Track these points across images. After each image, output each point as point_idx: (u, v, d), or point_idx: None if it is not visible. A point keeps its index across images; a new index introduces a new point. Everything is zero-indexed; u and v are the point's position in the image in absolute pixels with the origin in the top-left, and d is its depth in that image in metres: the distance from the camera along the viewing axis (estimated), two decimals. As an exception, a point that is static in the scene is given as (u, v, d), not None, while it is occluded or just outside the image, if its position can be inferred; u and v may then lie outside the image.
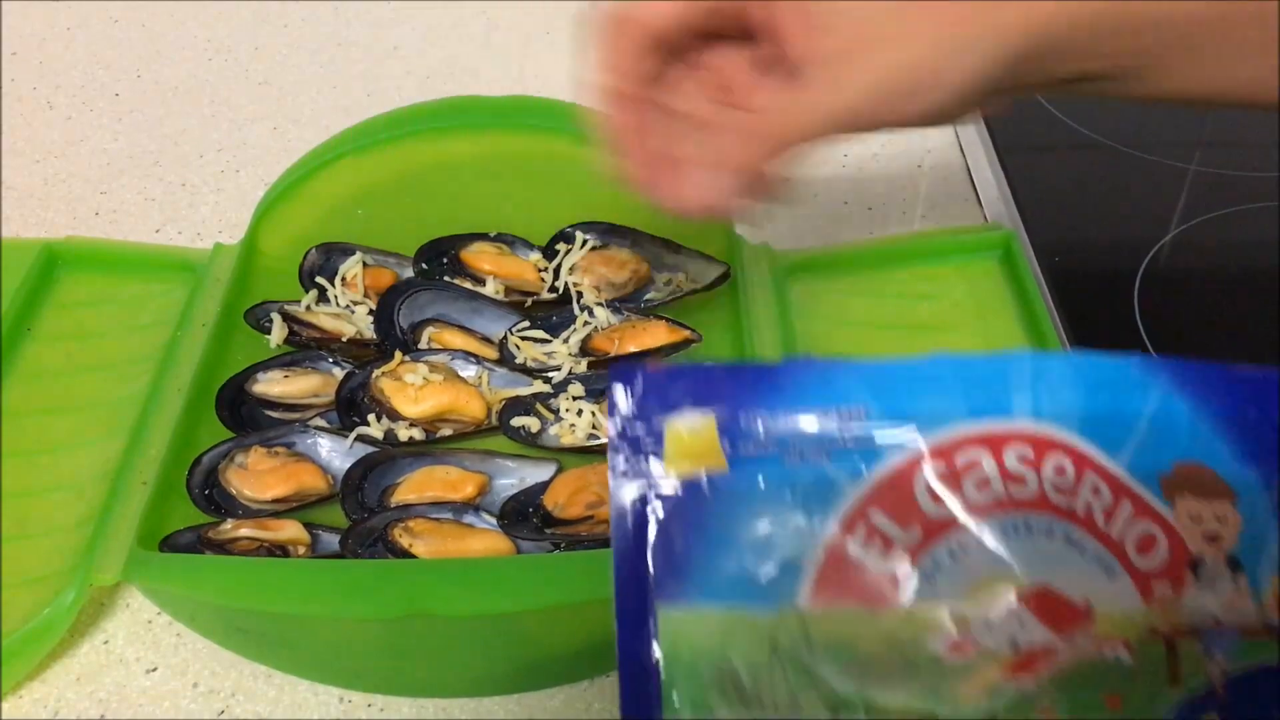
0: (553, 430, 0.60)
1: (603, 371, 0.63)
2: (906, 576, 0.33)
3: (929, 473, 0.33)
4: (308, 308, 0.66)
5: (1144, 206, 0.78)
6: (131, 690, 0.54)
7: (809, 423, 0.33)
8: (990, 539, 0.33)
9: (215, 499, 0.57)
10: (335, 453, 0.60)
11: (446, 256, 0.68)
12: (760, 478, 0.33)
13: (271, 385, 0.62)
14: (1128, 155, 0.83)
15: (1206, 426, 0.35)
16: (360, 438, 0.60)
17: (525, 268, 0.68)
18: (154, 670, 0.54)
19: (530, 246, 0.69)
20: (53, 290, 0.69)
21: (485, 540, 0.55)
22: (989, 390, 0.34)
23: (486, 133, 0.71)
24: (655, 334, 0.64)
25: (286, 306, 0.66)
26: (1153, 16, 0.43)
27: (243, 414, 0.61)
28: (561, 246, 0.68)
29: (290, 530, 0.55)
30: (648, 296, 0.68)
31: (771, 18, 0.44)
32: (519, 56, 0.94)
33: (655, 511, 0.33)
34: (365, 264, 0.68)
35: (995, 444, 0.33)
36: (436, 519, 0.56)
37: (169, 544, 0.54)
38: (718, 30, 0.47)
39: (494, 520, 0.56)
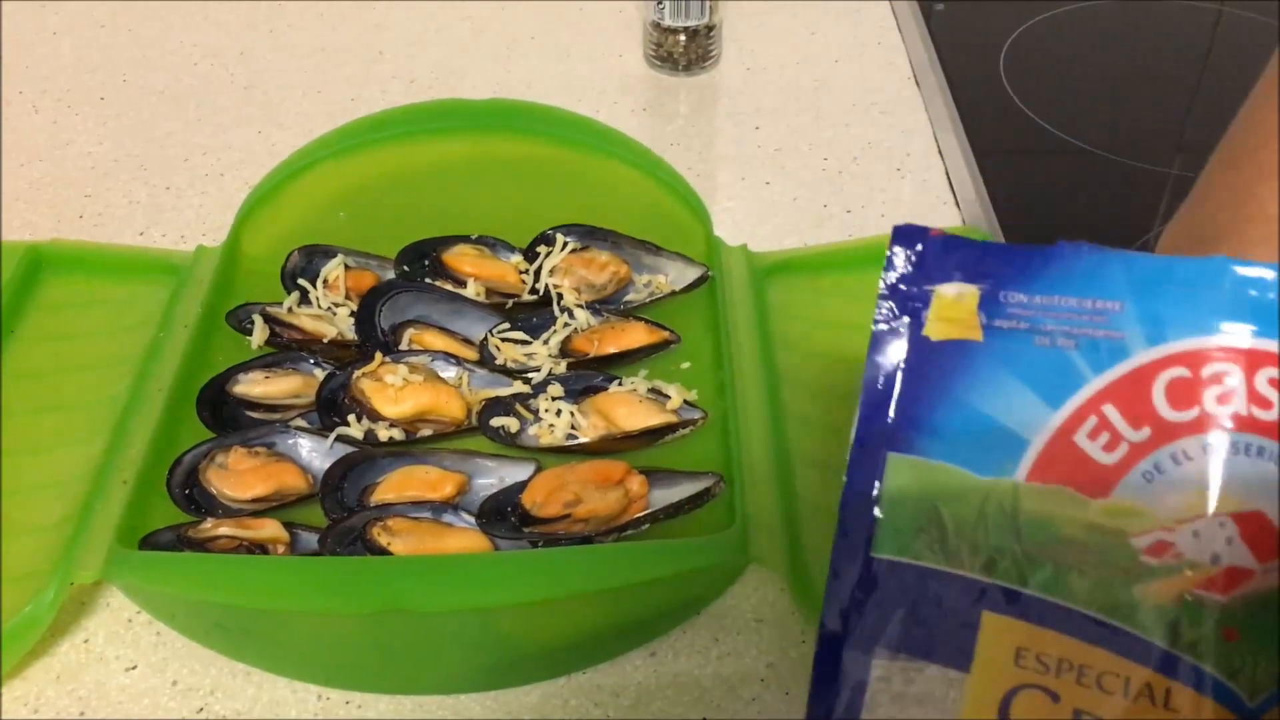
0: (532, 430, 0.61)
1: (582, 372, 0.64)
2: (1126, 472, 0.33)
3: (1171, 376, 0.33)
4: (289, 309, 0.66)
5: (1123, 211, 0.79)
6: (111, 688, 0.54)
7: (1064, 308, 0.34)
8: (1219, 454, 0.33)
9: (195, 498, 0.58)
10: (315, 453, 0.60)
11: (428, 258, 0.69)
12: (1008, 353, 0.34)
13: (252, 386, 0.62)
14: (1106, 160, 0.83)
15: None
16: (340, 438, 0.60)
17: (506, 270, 0.69)
18: (133, 668, 0.55)
19: (511, 249, 0.70)
20: (37, 292, 0.70)
21: (464, 539, 0.55)
22: (1261, 306, 0.33)
23: (468, 136, 0.71)
24: (634, 335, 0.65)
25: (268, 308, 0.66)
26: None
27: (224, 414, 0.62)
28: (542, 249, 0.69)
29: (270, 529, 0.56)
30: (627, 298, 0.69)
31: None
32: (504, 61, 0.95)
33: (907, 366, 0.35)
34: (347, 266, 0.69)
35: (1251, 361, 0.33)
36: (415, 518, 0.56)
37: (149, 543, 0.55)
38: None
39: (472, 519, 0.57)
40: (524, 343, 0.65)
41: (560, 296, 0.67)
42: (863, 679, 0.34)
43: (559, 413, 0.61)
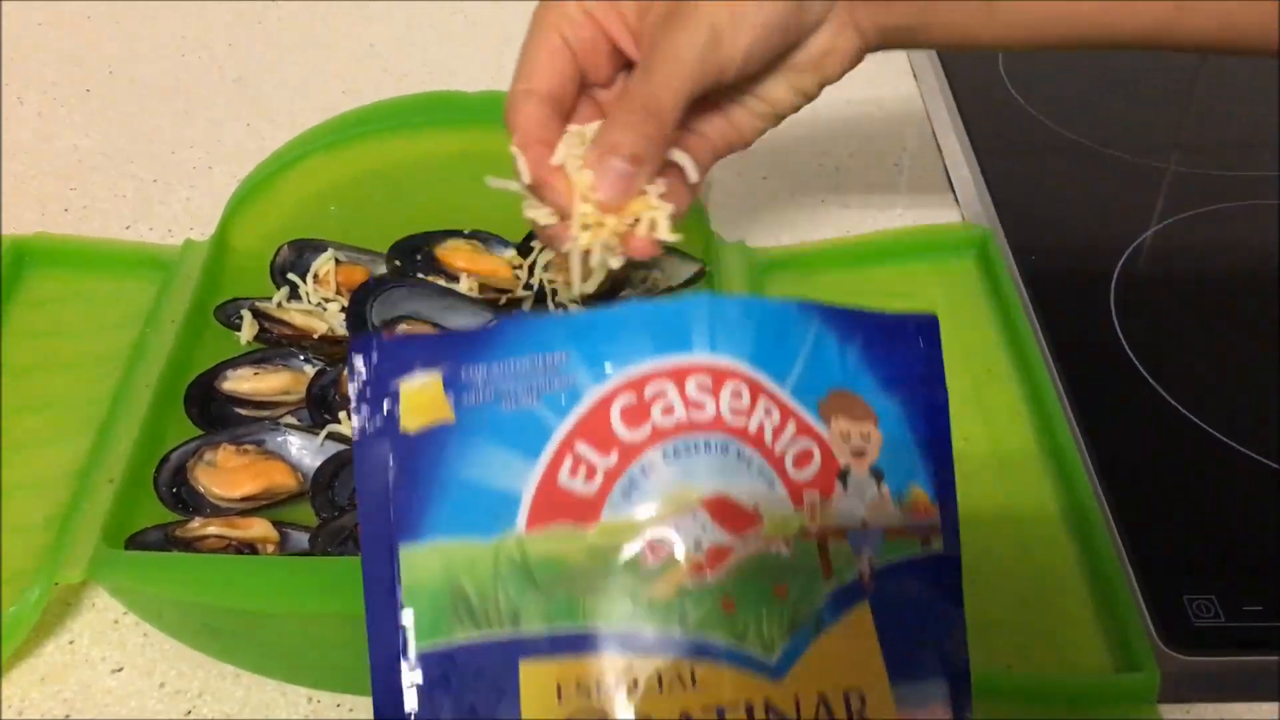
0: (526, 428, 0.60)
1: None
2: (607, 494, 0.37)
3: (622, 403, 0.38)
4: (279, 305, 0.65)
5: (1121, 206, 0.79)
6: (97, 690, 0.53)
7: (519, 371, 0.38)
8: (674, 457, 0.37)
9: (183, 497, 0.57)
10: (306, 451, 0.59)
11: (420, 253, 0.68)
12: (481, 423, 0.38)
13: (241, 382, 0.61)
14: (1105, 155, 0.83)
15: (854, 360, 0.40)
16: (331, 435, 0.59)
17: (499, 265, 0.68)
18: (120, 670, 0.54)
19: (505, 243, 0.69)
20: (21, 287, 0.69)
21: (457, 538, 0.54)
22: (672, 330, 0.38)
23: (460, 129, 0.70)
24: (630, 331, 0.64)
25: (257, 303, 0.65)
26: None
27: (212, 411, 0.61)
28: (536, 243, 0.68)
29: (259, 528, 0.55)
30: (623, 294, 0.68)
31: (622, 29, 0.50)
32: (496, 55, 0.94)
33: (394, 463, 0.37)
34: (337, 260, 0.68)
35: (678, 375, 0.38)
36: (408, 517, 0.55)
37: (136, 542, 0.54)
38: (605, 71, 0.52)
39: (466, 518, 0.56)
40: (518, 339, 0.64)
41: (554, 292, 0.66)
42: None
43: (554, 410, 0.60)
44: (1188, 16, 0.46)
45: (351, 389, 0.38)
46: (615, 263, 0.50)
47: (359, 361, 0.38)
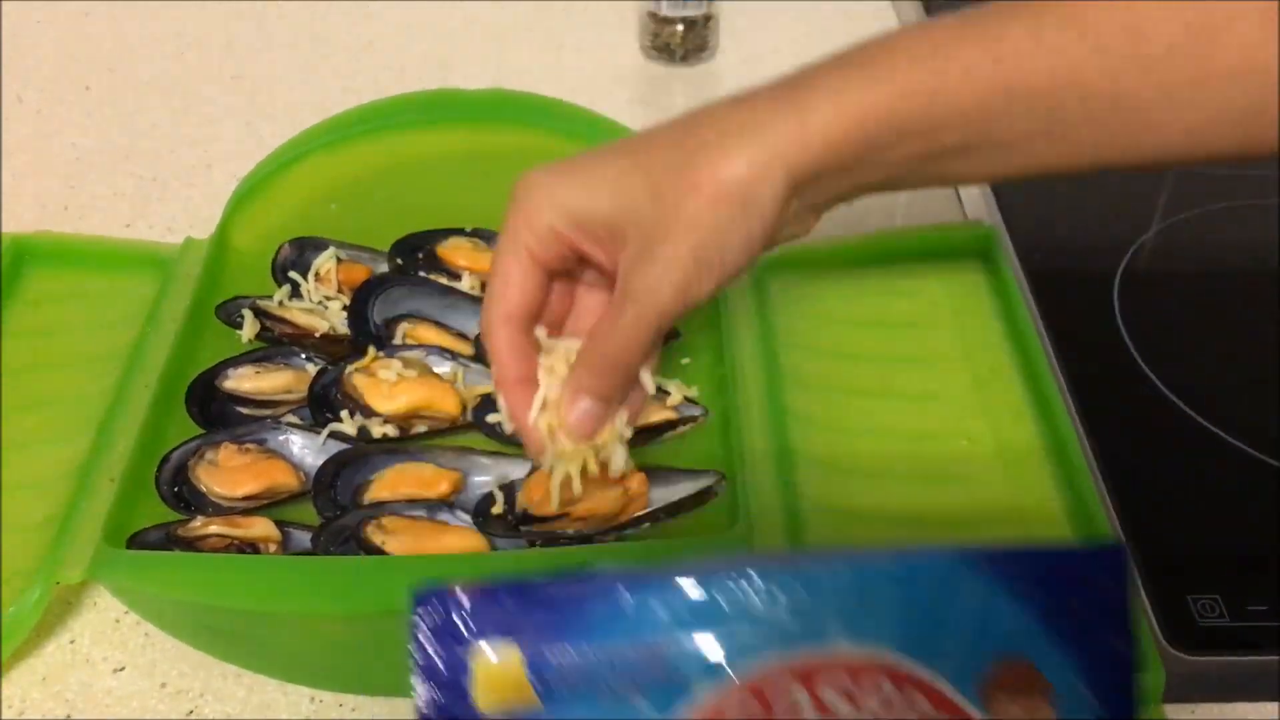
0: (528, 427, 0.59)
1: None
2: None
3: (741, 711, 0.32)
4: (280, 303, 0.65)
5: (1124, 205, 0.78)
6: (98, 690, 0.53)
7: (617, 655, 0.32)
8: None
9: (184, 496, 0.56)
10: (307, 450, 0.59)
11: (422, 251, 0.68)
12: (575, 717, 0.32)
13: (242, 381, 0.61)
14: (1107, 153, 0.82)
15: (1021, 617, 0.34)
16: (333, 434, 0.59)
17: (501, 263, 0.68)
18: (121, 670, 0.53)
19: (506, 242, 0.69)
20: (20, 286, 0.69)
21: (459, 538, 0.54)
22: (802, 614, 0.32)
23: (462, 127, 0.70)
24: (632, 330, 0.64)
25: (258, 302, 0.65)
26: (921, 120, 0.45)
27: (213, 410, 0.61)
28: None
29: (261, 528, 0.55)
30: (625, 292, 0.67)
31: (594, 248, 0.49)
32: (496, 52, 0.93)
33: None
34: (339, 259, 0.67)
35: (808, 676, 0.32)
36: (410, 516, 0.55)
37: (137, 542, 0.53)
38: (576, 272, 0.51)
39: (468, 518, 0.55)
40: (520, 337, 0.64)
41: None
42: None
43: (556, 409, 0.59)
44: (1105, 152, 0.47)
45: (415, 653, 0.32)
46: (592, 471, 0.51)
47: (422, 624, 0.32)
